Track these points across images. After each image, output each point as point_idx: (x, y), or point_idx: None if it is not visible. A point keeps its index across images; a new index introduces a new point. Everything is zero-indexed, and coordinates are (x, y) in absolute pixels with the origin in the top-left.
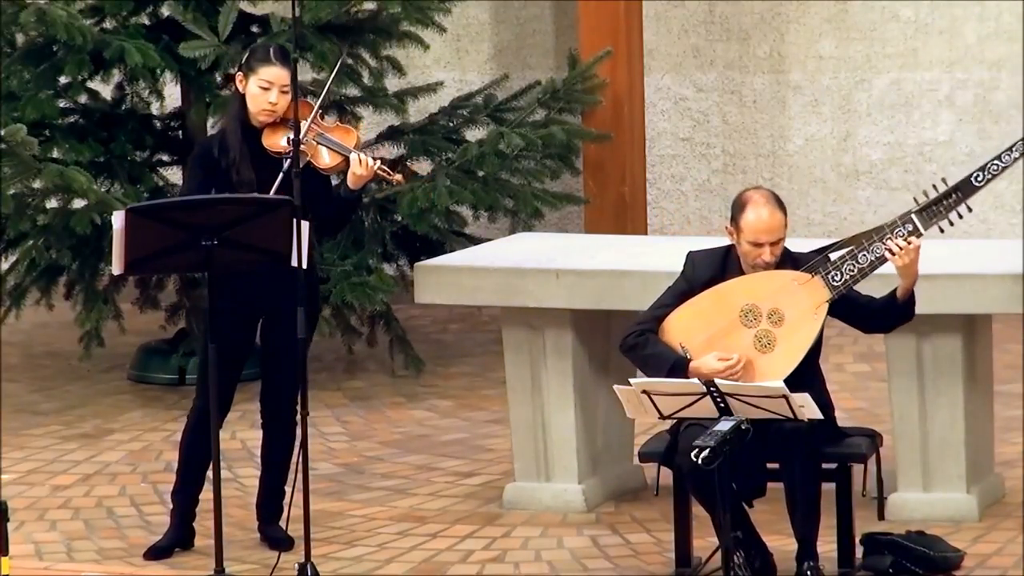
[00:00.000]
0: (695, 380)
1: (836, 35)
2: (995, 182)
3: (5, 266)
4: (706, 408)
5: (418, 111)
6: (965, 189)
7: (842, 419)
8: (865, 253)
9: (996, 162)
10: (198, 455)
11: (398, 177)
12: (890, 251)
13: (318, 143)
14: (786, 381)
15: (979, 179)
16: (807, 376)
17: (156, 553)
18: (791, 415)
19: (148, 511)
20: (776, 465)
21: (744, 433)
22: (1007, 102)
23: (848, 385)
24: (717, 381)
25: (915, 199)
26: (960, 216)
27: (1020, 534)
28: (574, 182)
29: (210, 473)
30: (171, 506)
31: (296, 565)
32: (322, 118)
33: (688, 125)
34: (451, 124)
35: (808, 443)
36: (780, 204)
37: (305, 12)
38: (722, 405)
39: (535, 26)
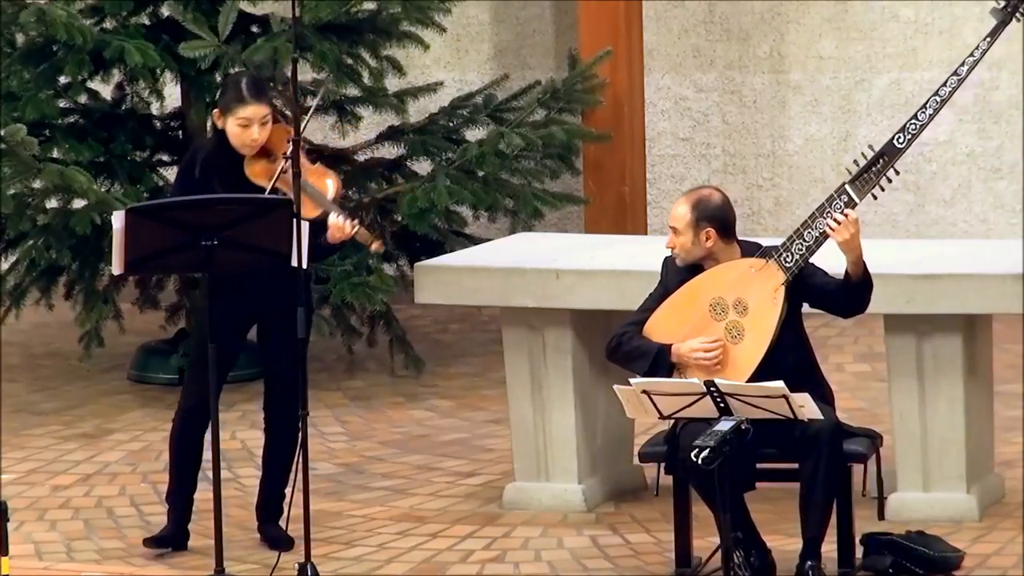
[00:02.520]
0: (695, 380)
1: (836, 35)
2: (995, 182)
3: (5, 266)
4: (706, 408)
5: (418, 111)
6: (890, 152)
7: (841, 418)
8: (810, 231)
9: (913, 121)
10: (189, 456)
11: (377, 244)
12: (829, 227)
13: (302, 190)
14: (782, 374)
15: (900, 141)
16: (807, 375)
17: (154, 543)
18: (791, 415)
19: (148, 511)
20: (765, 464)
21: (744, 433)
22: (1007, 102)
23: (848, 385)
24: (717, 381)
25: (847, 169)
26: (889, 180)
27: (1020, 534)
28: (574, 182)
29: (210, 473)
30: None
31: (296, 565)
32: (303, 150)
33: (688, 125)
34: (451, 124)
35: (833, 445)
36: (695, 204)
37: (305, 12)
38: (722, 405)
39: (535, 26)
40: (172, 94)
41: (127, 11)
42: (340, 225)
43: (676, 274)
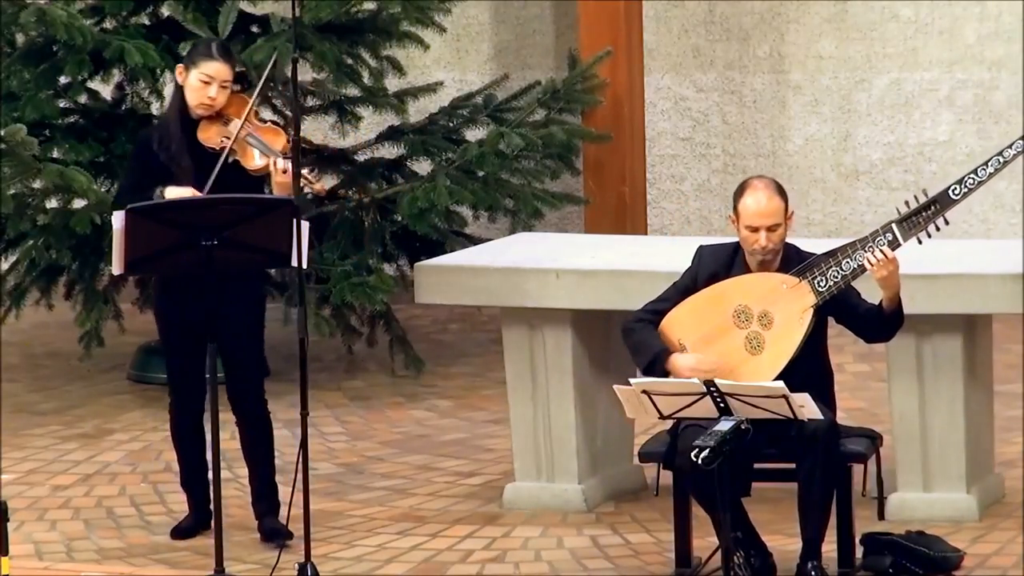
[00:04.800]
0: (695, 380)
1: (836, 35)
2: (995, 182)
3: (5, 266)
4: (706, 408)
5: (418, 111)
6: (943, 201)
7: (842, 419)
8: (848, 260)
9: (972, 176)
10: (190, 442)
11: (319, 186)
12: (868, 261)
13: (248, 143)
14: (795, 381)
15: (956, 192)
16: (816, 377)
17: (181, 533)
18: (791, 415)
19: (148, 511)
20: (764, 464)
21: (744, 433)
22: (1007, 102)
23: (848, 385)
24: (717, 381)
25: (897, 209)
26: (938, 228)
27: (1020, 534)
28: (574, 182)
29: (210, 474)
30: (170, 505)
31: (296, 565)
32: (257, 117)
33: (688, 125)
34: (451, 124)
35: (830, 444)
36: (781, 191)
37: (305, 12)
38: (722, 405)
39: (535, 26)
40: None
41: (127, 11)
42: (283, 168)
43: (710, 266)
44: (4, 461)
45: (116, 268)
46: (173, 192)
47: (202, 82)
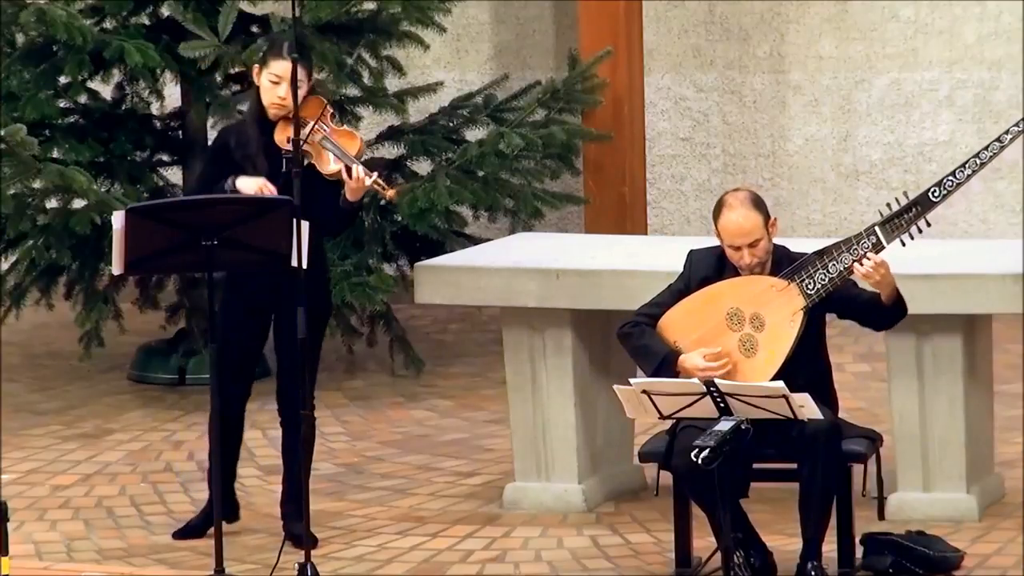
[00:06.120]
0: (695, 380)
1: (836, 35)
2: (995, 182)
3: (5, 266)
4: (706, 408)
5: (418, 111)
6: (924, 204)
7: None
8: (835, 263)
9: (951, 178)
10: (229, 436)
11: (391, 193)
12: (856, 267)
13: (323, 146)
14: (795, 382)
15: (936, 194)
16: (817, 377)
17: (188, 532)
18: (791, 415)
19: (148, 511)
20: (764, 464)
21: (744, 433)
22: (1007, 102)
23: (848, 385)
24: (717, 381)
25: (879, 211)
26: (920, 230)
27: (1020, 534)
28: (574, 182)
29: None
30: (170, 505)
31: (296, 565)
32: (332, 119)
33: (688, 125)
34: (451, 124)
35: (830, 445)
36: (757, 204)
37: (305, 12)
38: (722, 405)
39: (535, 26)
40: (172, 94)
41: (127, 11)
42: (360, 176)
43: (702, 270)
44: (4, 461)
45: (116, 268)
46: (244, 182)
47: (272, 82)
